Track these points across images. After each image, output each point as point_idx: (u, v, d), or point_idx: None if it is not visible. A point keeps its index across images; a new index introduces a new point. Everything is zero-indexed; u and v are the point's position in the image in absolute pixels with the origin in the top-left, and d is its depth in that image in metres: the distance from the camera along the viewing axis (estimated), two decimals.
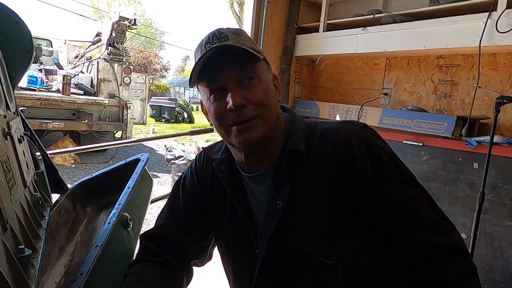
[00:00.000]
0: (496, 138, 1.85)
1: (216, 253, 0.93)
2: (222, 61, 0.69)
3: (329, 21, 2.67)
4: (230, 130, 0.72)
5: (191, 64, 50.26)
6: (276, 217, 0.72)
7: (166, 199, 0.95)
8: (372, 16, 2.35)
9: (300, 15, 2.93)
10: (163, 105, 14.99)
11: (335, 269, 0.68)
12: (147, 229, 0.89)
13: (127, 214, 0.86)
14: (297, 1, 2.91)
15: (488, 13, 1.77)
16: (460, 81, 2.24)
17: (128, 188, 0.91)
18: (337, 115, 2.72)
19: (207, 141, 7.69)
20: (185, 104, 19.53)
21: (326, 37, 2.66)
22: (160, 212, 0.92)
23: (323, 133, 0.75)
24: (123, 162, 1.15)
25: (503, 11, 1.72)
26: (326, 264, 0.68)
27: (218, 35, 0.71)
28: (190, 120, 15.61)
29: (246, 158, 0.77)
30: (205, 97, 0.74)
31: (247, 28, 2.88)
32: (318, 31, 2.72)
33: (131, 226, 0.84)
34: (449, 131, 1.98)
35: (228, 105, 0.69)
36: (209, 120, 0.79)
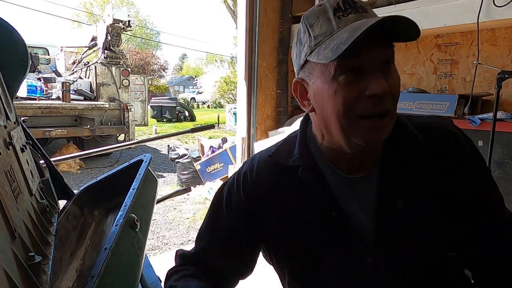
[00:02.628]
0: (500, 114, 1.83)
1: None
2: (370, 36, 0.53)
3: None
4: (358, 124, 0.58)
5: (188, 62, 50.16)
6: (397, 218, 0.64)
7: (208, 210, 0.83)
8: None
9: (294, 4, 2.91)
10: (164, 105, 14.99)
11: (458, 260, 0.67)
12: (184, 248, 0.84)
13: (134, 215, 0.87)
14: None
15: None
16: (460, 59, 2.22)
17: (133, 189, 0.92)
18: None
19: (210, 138, 7.69)
20: (185, 102, 19.53)
21: None
22: (200, 231, 0.81)
23: (424, 127, 0.69)
24: (126, 164, 1.15)
25: None
26: (451, 257, 0.66)
27: (353, 4, 0.58)
28: (192, 118, 15.62)
29: (352, 158, 0.65)
30: (326, 77, 0.58)
31: (242, 22, 2.86)
32: None
33: (138, 226, 0.85)
34: (451, 110, 1.97)
35: (369, 91, 0.56)
36: (304, 105, 0.66)
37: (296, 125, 2.64)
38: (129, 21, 6.32)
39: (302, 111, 2.81)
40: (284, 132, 2.71)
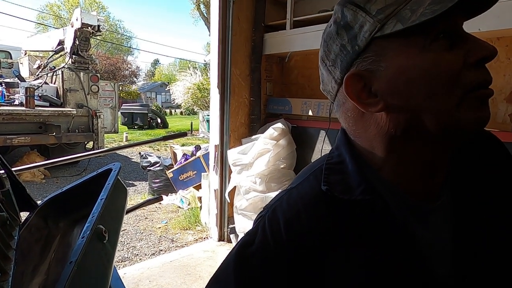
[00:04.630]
0: None
1: None
2: None
3: (295, 18, 2.71)
4: (470, 98, 0.45)
5: (161, 68, 49.44)
6: (480, 261, 0.51)
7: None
8: None
9: (267, 13, 2.95)
10: (135, 111, 14.66)
11: None
12: None
13: (101, 226, 0.84)
14: (262, 0, 2.93)
15: None
16: None
17: (101, 199, 0.89)
18: (309, 110, 2.77)
19: (182, 145, 7.58)
20: (157, 109, 19.18)
21: (294, 34, 2.70)
22: None
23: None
24: (94, 173, 1.11)
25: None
26: None
27: None
28: (164, 125, 15.36)
29: (438, 161, 0.51)
30: (415, 49, 0.45)
31: (215, 30, 2.87)
32: (285, 29, 2.75)
33: (106, 238, 0.82)
34: None
35: (478, 54, 0.44)
36: (368, 106, 0.49)
37: (269, 132, 2.67)
38: (98, 26, 6.16)
39: (275, 118, 2.82)
40: (258, 139, 2.73)
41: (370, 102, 0.49)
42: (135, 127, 14.52)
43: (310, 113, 2.78)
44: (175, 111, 26.76)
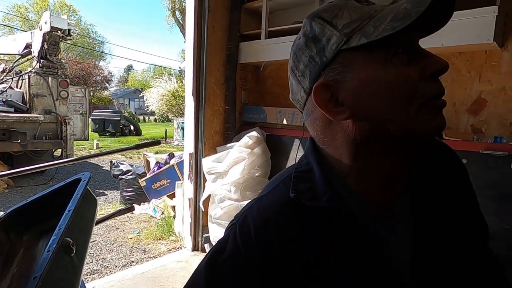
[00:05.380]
0: None
1: None
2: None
3: (270, 29, 2.75)
4: (428, 108, 0.48)
5: (135, 74, 48.48)
6: (437, 263, 0.54)
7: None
8: None
9: (242, 23, 2.98)
10: (107, 118, 14.27)
11: None
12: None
13: (69, 239, 0.81)
14: (237, 9, 2.96)
15: None
16: None
17: (69, 210, 0.86)
18: (284, 119, 2.81)
19: (156, 153, 7.44)
20: (130, 116, 18.76)
21: (268, 44, 2.74)
22: None
23: None
24: (62, 183, 1.07)
25: None
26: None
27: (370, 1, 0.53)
28: (137, 132, 15.03)
29: (391, 178, 0.54)
30: (377, 63, 0.48)
31: (190, 37, 2.86)
32: (260, 39, 2.79)
33: (74, 251, 0.79)
34: None
35: (433, 68, 0.48)
36: (335, 114, 0.51)
37: (244, 141, 2.68)
38: (69, 30, 5.98)
39: (250, 127, 2.83)
40: (233, 147, 2.73)
41: (337, 110, 0.51)
42: (107, 134, 14.11)
43: (285, 121, 2.82)
44: (149, 118, 26.27)
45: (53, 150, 6.36)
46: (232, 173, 2.66)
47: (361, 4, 0.51)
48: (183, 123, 8.01)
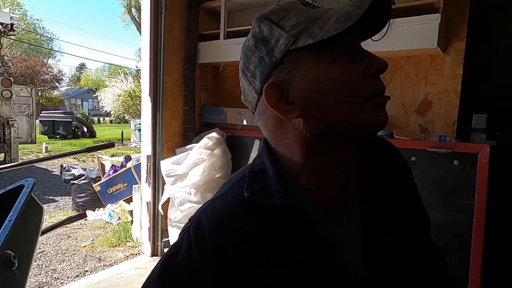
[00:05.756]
0: (379, 132, 2.13)
1: None
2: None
3: (229, 29, 2.74)
4: (370, 104, 0.51)
5: (88, 73, 46.05)
6: (387, 257, 0.57)
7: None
8: None
9: (200, 23, 2.94)
10: (57, 119, 13.42)
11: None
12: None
13: (10, 252, 0.75)
14: (195, 9, 2.92)
15: None
16: None
17: (10, 220, 0.79)
18: (244, 120, 2.81)
19: (112, 155, 7.13)
20: (83, 117, 17.81)
21: (227, 44, 2.73)
22: None
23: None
24: (2, 190, 0.99)
25: None
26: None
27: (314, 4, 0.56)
28: (91, 134, 14.30)
29: (348, 164, 0.56)
30: (324, 62, 0.51)
31: (146, 35, 2.77)
32: (219, 39, 2.77)
33: (16, 264, 0.73)
34: None
35: (374, 67, 0.51)
36: (286, 112, 0.52)
37: (204, 142, 2.64)
38: (12, 24, 5.55)
39: (210, 128, 2.80)
40: (192, 149, 2.68)
41: (288, 109, 0.52)
42: (57, 136, 13.28)
43: (245, 122, 2.82)
44: (104, 119, 25.09)
45: None
46: (192, 175, 2.61)
47: (307, 7, 0.53)
48: (140, 124, 7.74)
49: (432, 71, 2.20)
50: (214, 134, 2.69)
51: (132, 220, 3.60)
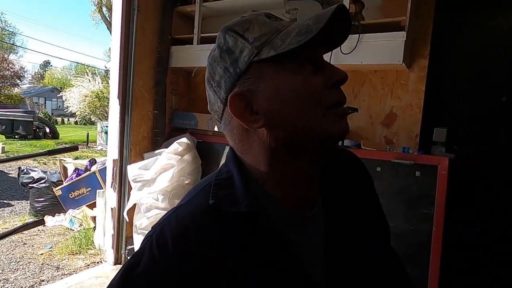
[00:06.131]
0: (346, 142, 2.19)
1: None
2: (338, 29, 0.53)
3: (202, 34, 2.73)
4: (328, 114, 0.52)
5: (53, 71, 43.98)
6: (347, 266, 0.58)
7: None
8: None
9: (174, 27, 2.91)
10: (17, 118, 12.68)
11: None
12: None
13: None
14: (169, 12, 2.88)
15: None
16: None
17: None
18: (215, 126, 2.79)
19: (76, 158, 6.83)
20: (46, 117, 16.98)
21: (201, 49, 2.71)
22: None
23: (339, 152, 0.71)
24: None
25: None
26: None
27: (279, 17, 0.58)
28: (54, 135, 13.63)
29: (311, 173, 0.57)
30: (286, 73, 0.52)
31: (116, 37, 2.70)
32: (192, 44, 2.75)
33: None
34: None
35: (334, 78, 0.53)
36: (250, 122, 0.53)
37: (174, 147, 2.59)
38: None
39: (181, 133, 2.76)
40: (161, 154, 2.62)
41: (252, 119, 0.53)
42: (16, 136, 12.54)
43: (216, 128, 2.80)
44: (68, 120, 24.03)
45: None
46: (160, 180, 2.55)
47: (270, 20, 0.55)
48: (107, 126, 7.49)
49: (397, 86, 2.30)
50: (184, 140, 2.65)
51: (94, 227, 3.45)
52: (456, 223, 2.02)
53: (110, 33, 3.33)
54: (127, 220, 2.76)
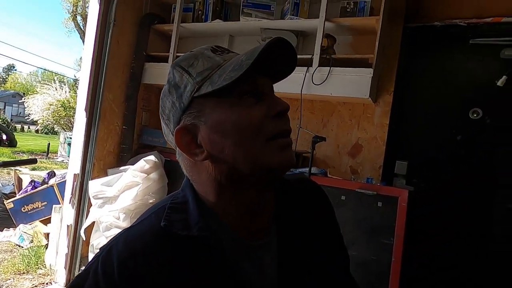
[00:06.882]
0: (314, 170, 2.24)
1: None
2: (258, 65, 0.53)
3: (178, 54, 2.74)
4: (269, 146, 0.53)
5: (16, 76, 41.94)
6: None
7: None
8: None
9: (150, 43, 2.90)
10: None
11: None
12: None
13: None
14: (146, 29, 2.88)
15: (306, 68, 2.18)
16: None
17: None
18: None
19: (33, 169, 6.44)
20: (4, 123, 16.02)
21: None
22: None
23: (299, 182, 0.71)
24: None
25: (316, 68, 2.15)
26: None
27: (226, 49, 0.60)
28: (11, 143, 12.83)
29: (254, 210, 0.58)
30: (225, 106, 0.53)
31: (89, 47, 2.64)
32: (167, 62, 2.74)
33: None
34: None
35: (275, 109, 0.54)
36: (195, 155, 0.55)
37: (140, 164, 2.52)
38: None
39: (149, 150, 2.70)
40: (127, 170, 2.54)
41: (196, 152, 0.56)
42: None
43: None
44: (29, 127, 22.82)
45: None
46: (123, 198, 2.46)
47: (215, 54, 0.57)
48: (71, 138, 7.18)
49: (364, 118, 2.41)
50: (151, 157, 2.59)
51: (47, 244, 3.23)
52: (414, 254, 2.09)
53: (83, 42, 3.26)
54: (84, 239, 2.62)
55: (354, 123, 2.44)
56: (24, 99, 14.47)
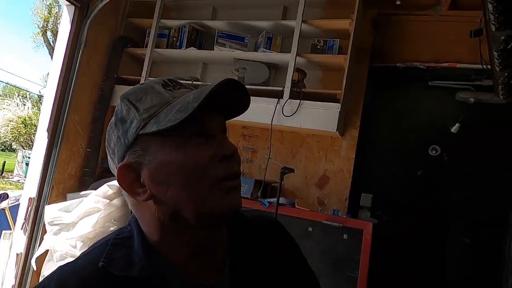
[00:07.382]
0: (282, 200, 2.25)
1: None
2: (209, 104, 0.51)
3: (150, 78, 2.72)
4: (215, 188, 0.51)
5: None
6: None
7: None
8: (191, 82, 2.56)
9: (122, 66, 2.87)
10: None
11: None
12: None
13: None
14: (119, 51, 2.85)
15: (277, 99, 2.24)
16: (258, 149, 2.67)
17: None
18: None
19: None
20: None
21: None
22: None
23: (257, 219, 0.68)
24: None
25: (287, 100, 2.21)
26: None
27: (178, 83, 0.57)
28: None
29: (200, 251, 0.55)
30: (170, 146, 0.51)
31: (57, 65, 2.56)
32: None
33: None
34: (248, 192, 2.27)
35: (222, 152, 0.52)
36: (137, 195, 0.53)
37: (103, 190, 2.41)
38: None
39: (113, 175, 2.61)
40: (88, 196, 2.42)
41: (139, 191, 0.53)
42: None
43: None
44: None
45: None
46: (81, 225, 2.32)
47: (165, 89, 0.54)
48: (29, 157, 6.78)
49: (331, 151, 2.47)
50: (115, 183, 2.48)
51: None
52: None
53: (51, 58, 3.16)
54: (35, 269, 2.42)
55: (322, 155, 2.50)
56: None
